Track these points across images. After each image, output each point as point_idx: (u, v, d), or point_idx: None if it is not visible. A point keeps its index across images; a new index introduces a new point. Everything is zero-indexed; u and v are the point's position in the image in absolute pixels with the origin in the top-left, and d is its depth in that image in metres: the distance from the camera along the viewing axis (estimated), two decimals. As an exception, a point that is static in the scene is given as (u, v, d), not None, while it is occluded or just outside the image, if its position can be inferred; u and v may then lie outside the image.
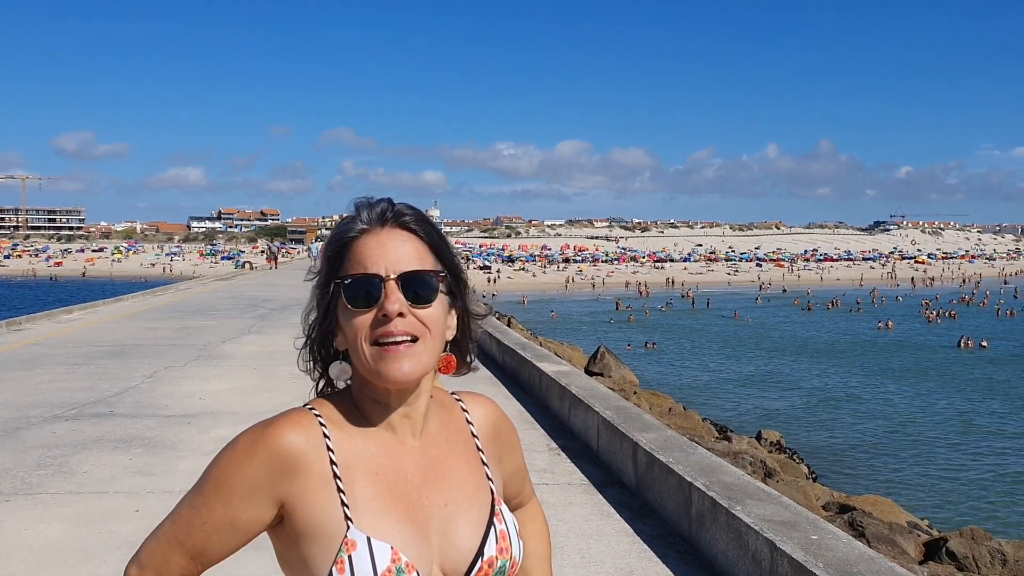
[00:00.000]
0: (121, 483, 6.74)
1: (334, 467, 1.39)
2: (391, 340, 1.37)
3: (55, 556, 5.17)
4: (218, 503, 1.39)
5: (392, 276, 1.39)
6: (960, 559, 8.84)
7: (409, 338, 1.38)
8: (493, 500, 1.52)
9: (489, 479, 1.55)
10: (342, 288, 1.40)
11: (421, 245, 1.45)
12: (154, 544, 1.45)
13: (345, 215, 1.51)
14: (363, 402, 1.46)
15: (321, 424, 1.43)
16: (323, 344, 1.48)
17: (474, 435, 1.58)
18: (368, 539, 1.35)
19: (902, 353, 42.85)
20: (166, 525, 1.44)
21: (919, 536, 9.88)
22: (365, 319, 1.38)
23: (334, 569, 1.33)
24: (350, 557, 1.33)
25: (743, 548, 4.68)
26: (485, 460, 1.56)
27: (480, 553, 1.44)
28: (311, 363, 1.52)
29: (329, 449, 1.40)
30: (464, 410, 1.61)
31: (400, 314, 1.37)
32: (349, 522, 1.36)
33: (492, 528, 1.48)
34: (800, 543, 4.28)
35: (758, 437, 18.05)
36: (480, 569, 1.44)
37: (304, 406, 1.49)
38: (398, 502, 1.42)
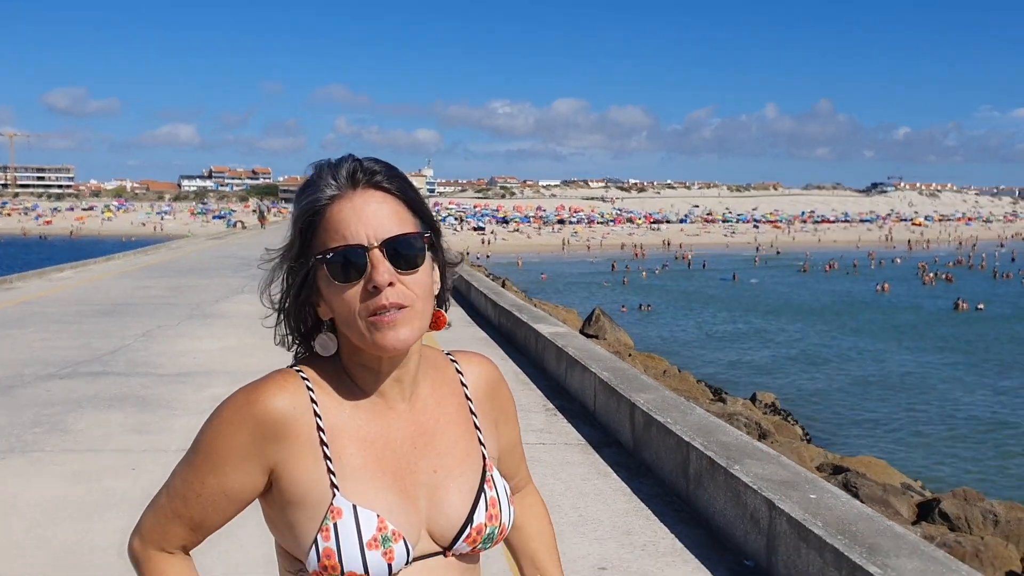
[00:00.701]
0: (117, 441, 6.72)
1: (321, 433, 1.36)
2: (384, 311, 1.32)
3: (53, 513, 5.16)
4: (209, 474, 1.37)
5: (375, 244, 1.33)
6: (953, 519, 8.91)
7: (399, 307, 1.33)
8: (485, 466, 1.48)
9: (481, 444, 1.50)
10: (325, 264, 1.34)
11: (398, 204, 1.38)
12: (152, 517, 1.43)
13: (305, 178, 1.41)
14: (352, 367, 1.42)
15: (308, 388, 1.39)
16: (300, 318, 1.43)
17: (468, 398, 1.53)
18: (354, 507, 1.32)
19: (898, 315, 42.99)
20: (162, 498, 1.42)
21: (912, 497, 9.96)
22: (354, 292, 1.33)
23: (319, 536, 1.31)
24: (335, 525, 1.31)
25: (741, 507, 4.68)
26: (478, 424, 1.52)
27: (469, 520, 1.42)
28: (287, 336, 1.47)
29: (316, 415, 1.37)
30: (459, 371, 1.55)
31: (390, 284, 1.32)
32: (335, 490, 1.33)
33: (482, 495, 1.44)
34: (799, 502, 4.27)
35: (753, 399, 18.13)
36: (468, 536, 1.41)
37: (291, 367, 1.44)
38: (386, 469, 1.38)
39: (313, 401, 1.38)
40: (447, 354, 1.59)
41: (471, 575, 1.47)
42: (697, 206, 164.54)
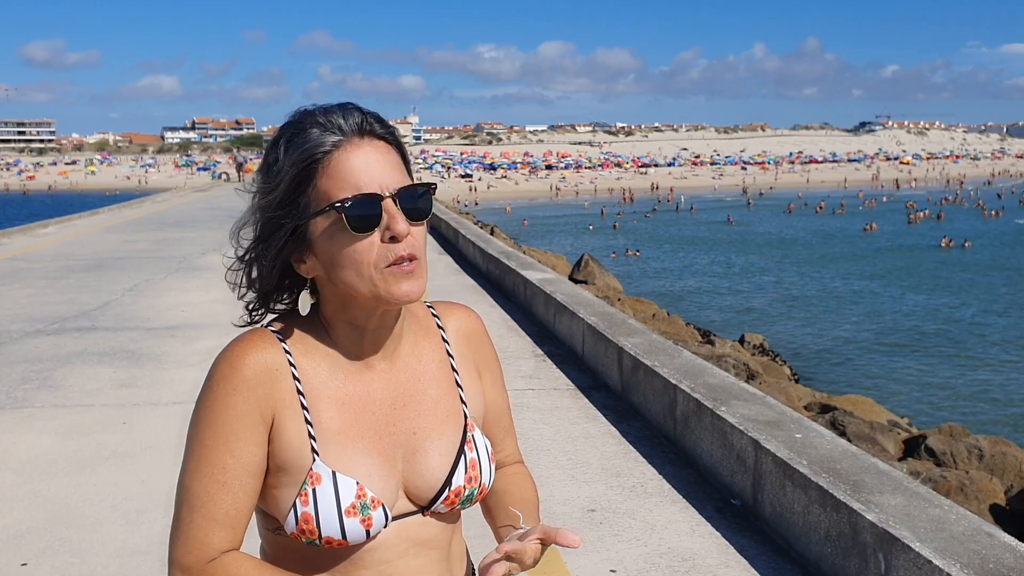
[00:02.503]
0: (107, 395, 6.74)
1: (301, 396, 1.34)
2: (401, 262, 1.30)
3: (46, 467, 5.18)
4: (227, 455, 1.31)
5: (389, 194, 1.30)
6: (938, 455, 9.05)
7: (412, 258, 1.32)
8: (466, 426, 1.46)
9: (463, 403, 1.48)
10: (343, 212, 1.28)
11: (397, 156, 1.36)
12: (183, 540, 1.33)
13: (293, 121, 1.34)
14: (336, 325, 1.38)
15: (285, 350, 1.35)
16: (271, 273, 1.36)
17: (449, 354, 1.50)
18: (333, 473, 1.31)
19: (885, 254, 43.19)
20: (184, 512, 1.33)
21: (899, 434, 10.10)
22: (369, 243, 1.29)
23: (298, 500, 1.30)
24: (314, 490, 1.30)
25: (728, 447, 4.73)
26: (460, 382, 1.49)
27: (448, 483, 1.40)
28: (246, 289, 1.40)
29: (295, 377, 1.34)
30: (440, 326, 1.52)
31: (408, 234, 1.31)
32: (315, 455, 1.32)
33: (462, 456, 1.42)
34: (784, 441, 4.33)
35: (741, 340, 18.26)
36: (446, 499, 1.40)
37: (264, 326, 1.40)
38: (364, 432, 1.36)
39: (291, 363, 1.35)
40: (428, 305, 1.55)
41: (450, 529, 1.46)
42: (685, 149, 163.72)
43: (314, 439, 1.33)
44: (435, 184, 1.38)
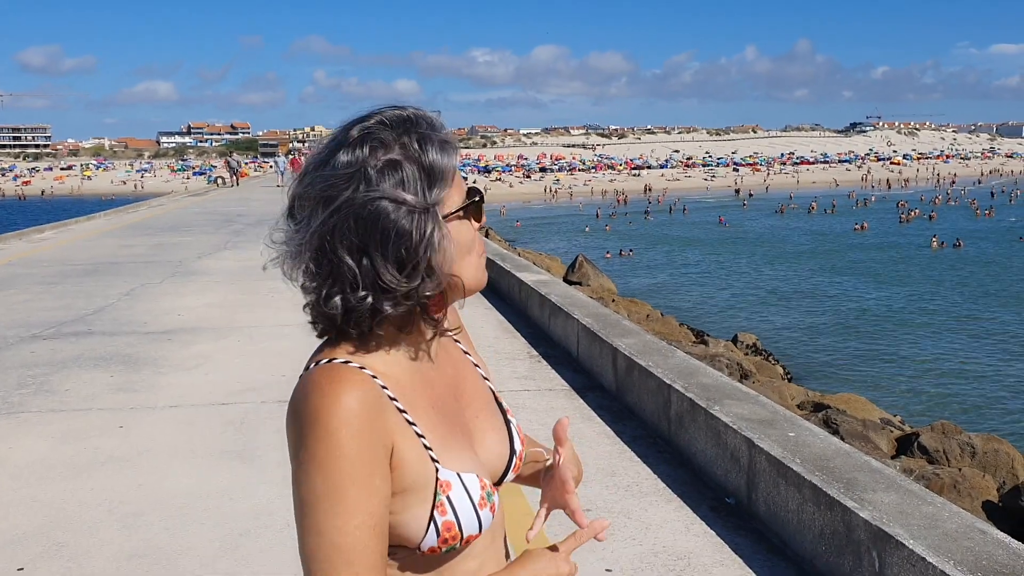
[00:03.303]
0: (103, 400, 6.74)
1: (404, 414, 1.29)
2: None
3: (42, 472, 5.19)
4: (373, 499, 1.23)
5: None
6: (931, 453, 9.10)
7: None
8: (496, 398, 1.53)
9: (485, 378, 1.54)
10: (473, 205, 1.35)
11: None
12: None
13: (425, 123, 1.32)
14: (397, 337, 1.34)
15: (370, 375, 1.29)
16: (427, 273, 1.29)
17: (455, 340, 1.54)
18: (459, 475, 1.30)
19: (877, 254, 43.28)
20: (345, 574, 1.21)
21: (892, 432, 10.15)
22: (477, 233, 1.37)
23: (436, 513, 1.27)
24: (448, 498, 1.28)
25: (722, 447, 4.77)
26: (474, 361, 1.55)
27: (512, 451, 1.47)
28: (367, 302, 1.27)
29: (392, 398, 1.29)
30: None
31: None
32: (436, 464, 1.29)
33: (510, 425, 1.50)
34: (778, 440, 4.36)
35: (734, 340, 18.32)
36: (515, 467, 1.47)
37: (332, 361, 1.29)
38: (454, 428, 1.37)
39: (382, 386, 1.29)
40: None
41: None
42: (677, 151, 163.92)
43: (430, 449, 1.30)
44: None
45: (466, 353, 1.55)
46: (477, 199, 1.36)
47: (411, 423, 1.29)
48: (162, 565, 3.99)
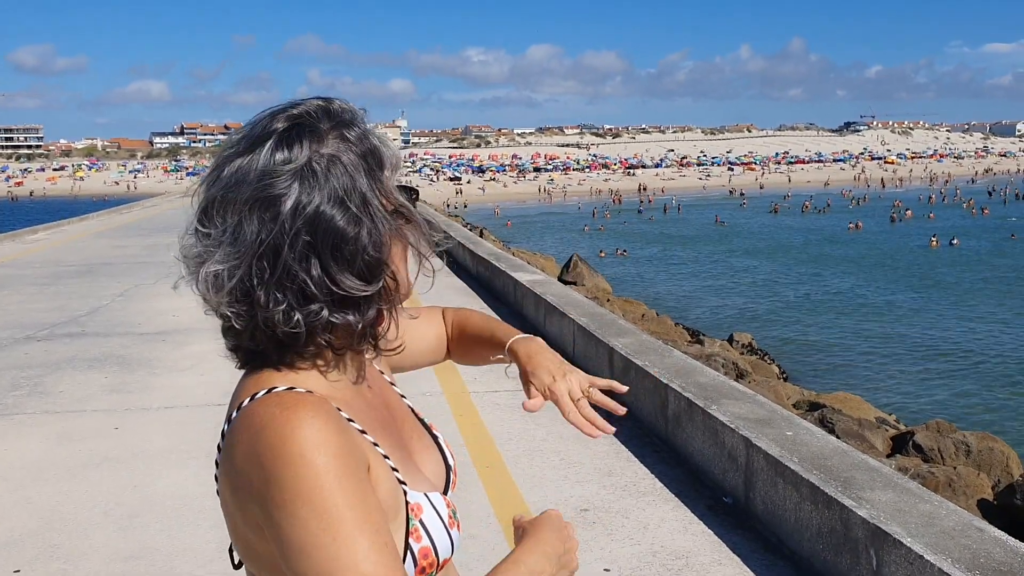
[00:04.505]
0: (98, 401, 6.72)
1: (365, 435, 1.17)
2: None
3: (37, 474, 5.17)
4: (374, 513, 1.07)
5: None
6: (926, 451, 9.11)
7: None
8: (413, 410, 1.40)
9: (401, 396, 1.40)
10: (413, 204, 1.21)
11: None
12: None
13: (363, 124, 1.20)
14: (336, 355, 1.20)
15: (322, 398, 1.16)
16: (386, 277, 1.18)
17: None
18: (427, 496, 1.20)
19: (871, 253, 43.37)
20: None
21: (887, 431, 10.16)
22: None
23: (411, 541, 1.16)
24: (422, 522, 1.17)
25: (719, 446, 4.76)
26: (388, 379, 1.42)
27: (448, 467, 1.37)
28: (301, 323, 1.11)
29: (349, 419, 1.17)
30: None
31: None
32: (404, 486, 1.18)
33: (438, 439, 1.39)
34: (775, 439, 4.36)
35: (730, 340, 18.32)
36: (452, 483, 1.37)
37: (273, 391, 1.13)
38: (405, 450, 1.27)
39: (337, 408, 1.16)
40: None
41: None
42: (672, 150, 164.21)
43: (396, 471, 1.19)
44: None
45: (381, 372, 1.41)
46: (414, 196, 1.23)
47: (375, 444, 1.17)
48: (158, 567, 3.98)
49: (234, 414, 1.14)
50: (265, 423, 1.08)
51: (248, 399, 1.13)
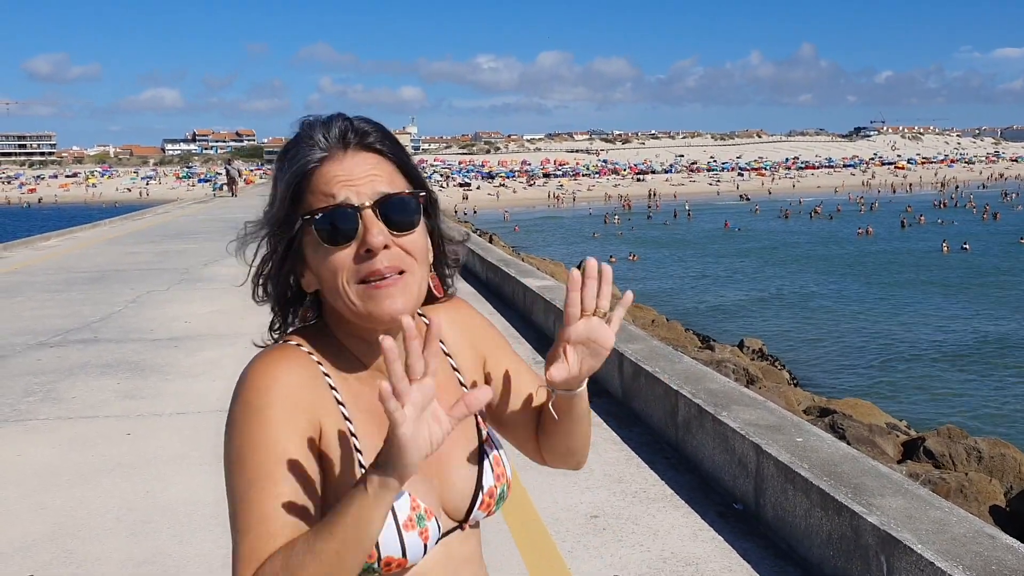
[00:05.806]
0: (110, 407, 6.75)
1: (341, 407, 1.25)
2: (379, 277, 1.22)
3: (49, 480, 5.20)
4: (285, 434, 1.19)
5: (368, 204, 1.23)
6: (937, 457, 9.07)
7: (397, 272, 1.24)
8: (478, 424, 1.40)
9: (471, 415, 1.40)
10: (313, 225, 1.23)
11: (390, 166, 1.29)
12: (239, 559, 1.24)
13: (293, 136, 1.30)
14: (345, 338, 1.31)
15: (316, 361, 1.28)
16: (282, 287, 1.33)
17: (447, 354, 1.44)
18: None
19: (882, 258, 43.20)
20: (245, 544, 1.23)
21: (898, 436, 10.13)
22: (344, 256, 1.22)
23: None
24: None
25: (729, 452, 4.76)
26: (463, 381, 1.43)
27: (480, 486, 1.34)
28: (266, 302, 1.37)
29: (332, 387, 1.26)
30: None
31: (385, 246, 1.22)
32: (363, 468, 1.21)
33: (485, 457, 1.37)
34: (785, 446, 4.35)
35: (740, 345, 18.28)
36: (482, 503, 1.34)
37: (285, 341, 1.32)
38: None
39: (324, 373, 1.26)
40: (419, 313, 1.44)
41: (479, 540, 1.41)
42: (682, 156, 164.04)
43: (360, 452, 1.23)
44: (425, 191, 1.32)
45: (456, 371, 1.43)
46: (314, 215, 1.24)
47: (347, 418, 1.25)
48: (171, 572, 4.00)
49: None
50: (256, 358, 1.29)
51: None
